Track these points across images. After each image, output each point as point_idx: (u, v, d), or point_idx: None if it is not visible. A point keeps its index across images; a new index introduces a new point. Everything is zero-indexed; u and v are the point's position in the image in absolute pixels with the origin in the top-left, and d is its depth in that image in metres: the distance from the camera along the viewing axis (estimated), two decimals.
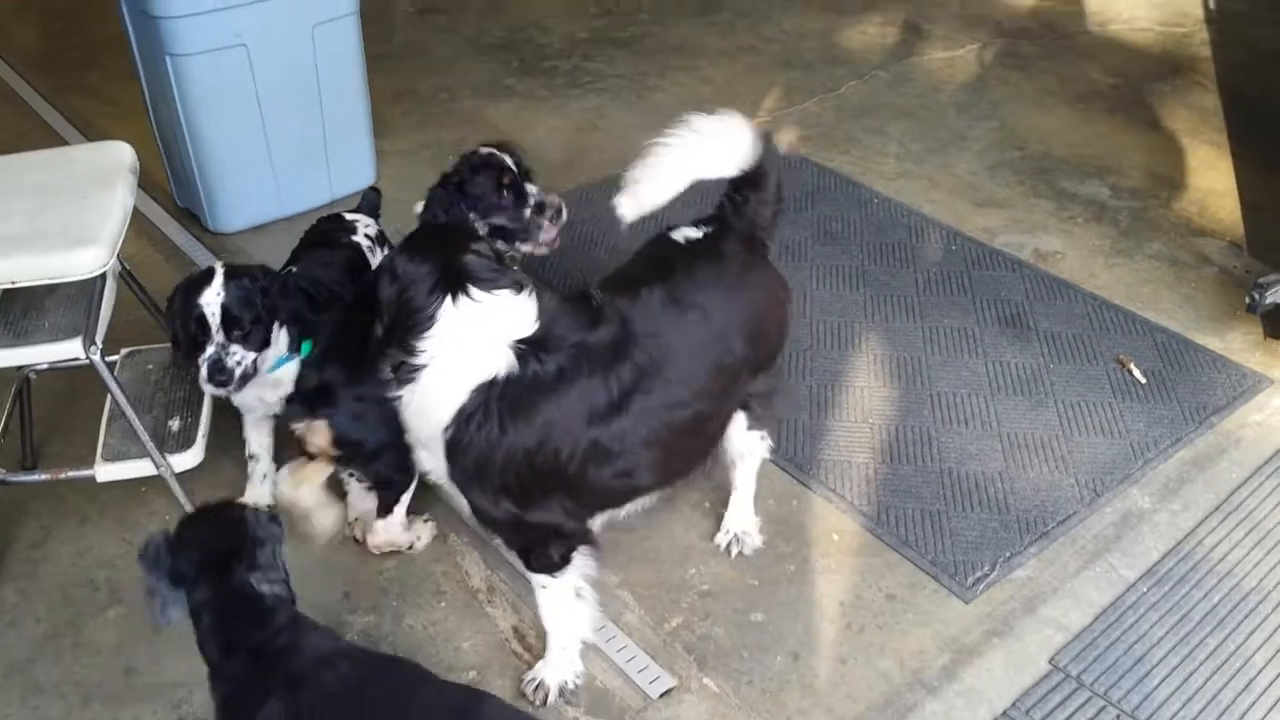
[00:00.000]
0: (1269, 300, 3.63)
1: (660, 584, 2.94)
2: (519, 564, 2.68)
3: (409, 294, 2.43)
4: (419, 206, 3.13)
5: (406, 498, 2.93)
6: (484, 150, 3.15)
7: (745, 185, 2.73)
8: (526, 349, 2.41)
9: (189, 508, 2.87)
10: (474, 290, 2.41)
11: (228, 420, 3.28)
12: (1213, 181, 4.62)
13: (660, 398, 2.49)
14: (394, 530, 2.97)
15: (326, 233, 3.28)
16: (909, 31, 6.04)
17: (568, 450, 2.43)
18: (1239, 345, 3.73)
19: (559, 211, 3.21)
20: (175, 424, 3.01)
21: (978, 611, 2.85)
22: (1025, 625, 2.81)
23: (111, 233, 2.68)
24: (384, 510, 2.94)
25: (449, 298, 2.40)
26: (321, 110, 4.33)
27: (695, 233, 2.76)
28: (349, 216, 3.35)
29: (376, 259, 3.21)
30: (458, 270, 2.43)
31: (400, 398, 2.49)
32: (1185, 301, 3.94)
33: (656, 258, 2.72)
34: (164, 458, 2.86)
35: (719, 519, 3.09)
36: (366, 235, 3.28)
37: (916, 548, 3.01)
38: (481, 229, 3.09)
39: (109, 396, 2.91)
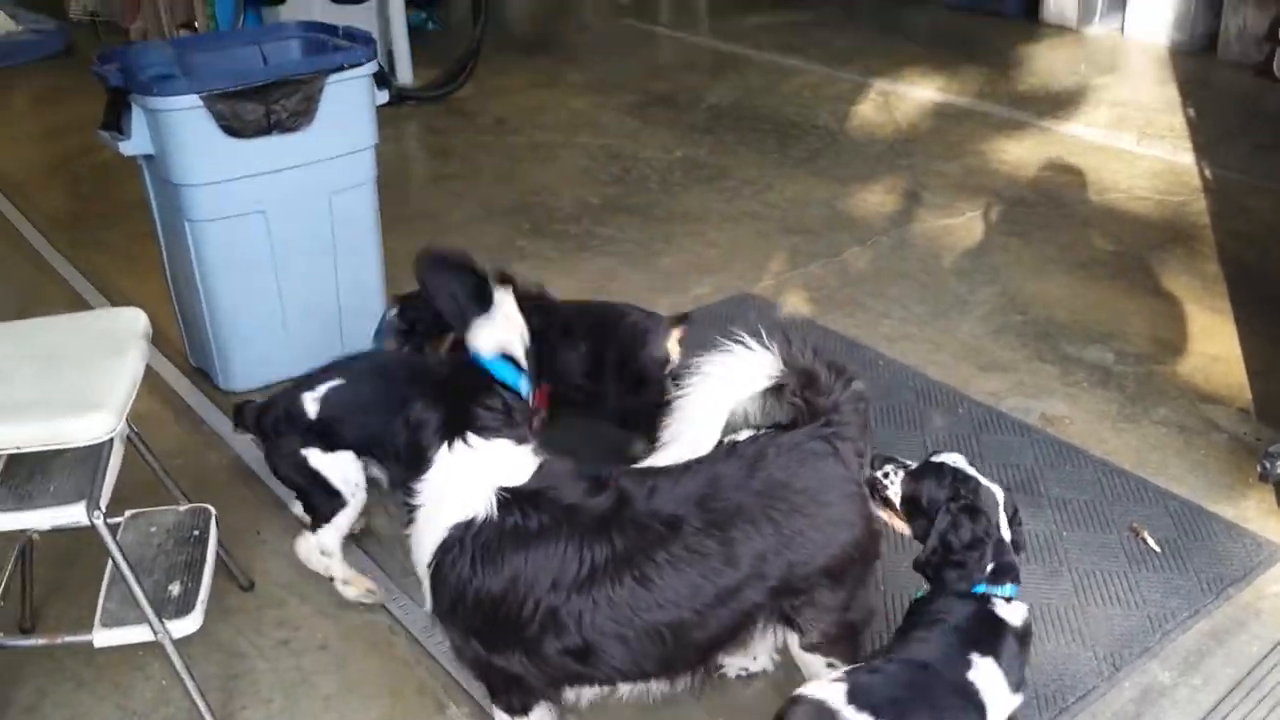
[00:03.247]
0: None
1: None
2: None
3: (417, 437, 2.55)
4: None
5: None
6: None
7: (794, 388, 2.66)
8: (511, 498, 2.45)
9: (186, 675, 2.83)
10: (471, 437, 2.49)
11: (226, 585, 3.24)
12: (1217, 347, 4.65)
13: (629, 592, 2.38)
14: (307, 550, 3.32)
15: None
16: (909, 199, 6.17)
17: (529, 609, 2.40)
18: (1253, 513, 3.68)
19: None
20: (175, 588, 2.97)
21: None
22: None
23: (120, 399, 2.68)
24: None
25: (446, 444, 2.50)
26: (336, 273, 4.41)
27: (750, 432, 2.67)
28: None
29: None
30: (462, 417, 2.52)
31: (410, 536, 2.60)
32: (1196, 468, 3.91)
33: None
34: (163, 624, 2.81)
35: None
36: None
37: None
38: None
39: (110, 559, 2.88)
